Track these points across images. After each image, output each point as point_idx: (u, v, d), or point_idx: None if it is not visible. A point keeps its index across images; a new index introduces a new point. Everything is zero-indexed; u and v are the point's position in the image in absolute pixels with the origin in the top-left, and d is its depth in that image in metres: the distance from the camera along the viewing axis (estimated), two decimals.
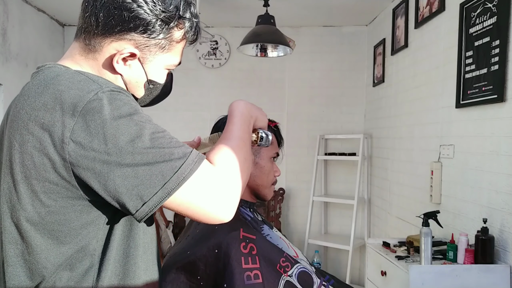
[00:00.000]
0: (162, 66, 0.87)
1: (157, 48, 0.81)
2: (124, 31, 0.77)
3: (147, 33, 0.78)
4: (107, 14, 0.76)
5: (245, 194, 1.14)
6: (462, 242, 1.77)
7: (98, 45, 0.79)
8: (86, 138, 0.68)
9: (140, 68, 0.82)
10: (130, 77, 0.83)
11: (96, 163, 0.69)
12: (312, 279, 1.04)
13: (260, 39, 2.61)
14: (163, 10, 0.78)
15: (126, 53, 0.79)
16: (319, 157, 3.65)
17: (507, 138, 1.72)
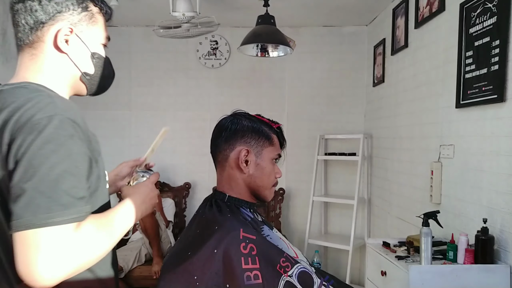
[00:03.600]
0: (98, 40, 1.00)
1: (86, 20, 0.95)
2: (55, 14, 0.90)
3: (74, 9, 0.92)
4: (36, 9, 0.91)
5: (245, 195, 1.14)
6: (462, 242, 1.77)
7: (37, 40, 0.92)
8: None
9: (80, 42, 0.94)
10: (76, 54, 0.94)
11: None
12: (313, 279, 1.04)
13: (260, 39, 2.60)
14: None
15: (66, 31, 0.91)
16: (319, 157, 3.65)
17: (507, 138, 1.72)
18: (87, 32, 0.96)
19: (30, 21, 0.92)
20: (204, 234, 1.03)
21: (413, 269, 1.69)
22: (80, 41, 0.95)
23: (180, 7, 2.53)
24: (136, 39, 3.80)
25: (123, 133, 3.82)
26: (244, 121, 1.14)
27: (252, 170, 1.12)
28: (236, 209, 1.11)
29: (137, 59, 3.80)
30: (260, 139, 1.12)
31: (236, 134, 1.12)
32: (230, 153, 1.12)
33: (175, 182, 3.80)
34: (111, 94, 3.80)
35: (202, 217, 1.11)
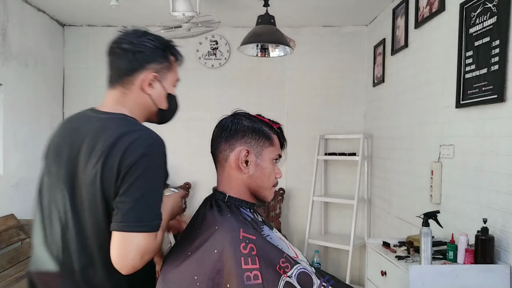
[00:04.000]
0: (171, 83, 1.25)
1: (165, 68, 1.19)
2: (144, 64, 1.14)
3: (162, 60, 1.17)
4: (131, 59, 1.13)
5: (245, 195, 1.14)
6: (462, 242, 1.77)
7: (130, 82, 1.14)
8: None
9: (160, 86, 1.18)
10: (156, 94, 1.18)
11: None
12: (312, 279, 1.03)
13: (260, 39, 2.60)
14: (161, 42, 1.18)
15: (151, 77, 1.15)
16: (319, 157, 3.65)
17: (507, 138, 1.72)
18: (166, 77, 1.20)
19: (125, 66, 1.14)
20: (204, 234, 1.03)
21: (413, 269, 1.69)
22: (160, 84, 1.18)
23: (180, 7, 2.53)
24: None
25: None
26: (244, 121, 1.14)
27: (252, 170, 1.11)
28: (236, 209, 1.11)
29: None
30: (261, 139, 1.12)
31: (236, 134, 1.12)
32: (230, 153, 1.12)
33: (175, 182, 3.80)
34: None
35: (202, 217, 1.11)
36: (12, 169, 3.04)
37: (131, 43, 1.14)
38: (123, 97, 1.15)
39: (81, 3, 3.23)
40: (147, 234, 0.99)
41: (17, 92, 3.09)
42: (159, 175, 1.04)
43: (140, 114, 1.18)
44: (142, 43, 1.14)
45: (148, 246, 0.99)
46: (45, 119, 3.52)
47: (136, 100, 1.15)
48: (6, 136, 2.96)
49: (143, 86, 1.14)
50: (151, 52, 1.15)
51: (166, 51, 1.19)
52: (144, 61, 1.14)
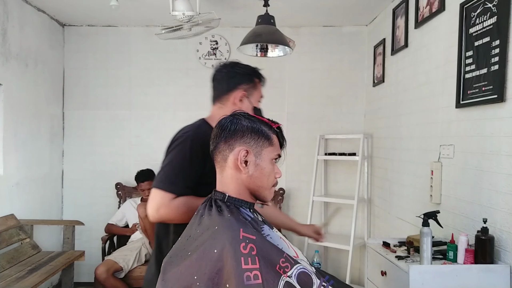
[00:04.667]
0: (256, 99, 1.59)
1: (252, 88, 1.57)
2: (237, 85, 1.56)
3: (248, 82, 1.57)
4: (227, 82, 1.58)
5: (245, 195, 1.14)
6: (462, 242, 1.77)
7: (226, 99, 1.57)
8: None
9: (248, 103, 1.56)
10: (244, 107, 1.51)
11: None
12: (312, 279, 1.03)
13: (260, 39, 2.60)
14: (248, 69, 1.61)
15: (241, 94, 1.54)
16: (319, 157, 3.65)
17: (507, 138, 1.72)
18: (252, 94, 1.57)
19: (223, 88, 1.59)
20: (204, 234, 1.03)
21: (413, 269, 1.69)
22: (248, 100, 1.55)
23: (179, 7, 2.53)
24: (136, 39, 3.80)
25: (123, 133, 3.82)
26: (243, 121, 1.13)
27: (251, 170, 1.11)
28: (236, 209, 1.11)
29: (137, 59, 3.80)
30: (260, 139, 1.12)
31: (236, 134, 1.11)
32: (229, 153, 1.12)
33: None
34: (111, 94, 3.82)
35: (202, 217, 1.11)
36: (12, 169, 3.04)
37: (227, 71, 1.60)
38: (219, 110, 1.57)
39: (81, 3, 3.23)
40: (162, 191, 1.32)
41: (17, 92, 3.09)
42: (180, 155, 1.39)
43: None
44: (235, 71, 1.58)
45: (162, 202, 1.32)
46: (45, 119, 3.52)
47: (228, 111, 1.46)
48: (6, 136, 2.96)
49: (235, 101, 1.54)
50: (241, 77, 1.56)
51: (252, 75, 1.58)
52: (236, 83, 1.55)
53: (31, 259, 2.92)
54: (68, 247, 3.23)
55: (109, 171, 3.80)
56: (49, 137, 3.58)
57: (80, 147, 3.82)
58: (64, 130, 3.83)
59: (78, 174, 3.81)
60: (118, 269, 3.03)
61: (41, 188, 3.43)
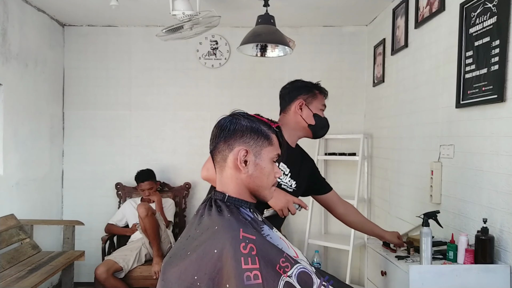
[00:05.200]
0: (317, 107, 1.90)
1: (311, 97, 1.87)
2: (297, 96, 1.85)
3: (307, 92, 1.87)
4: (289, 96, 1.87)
5: (245, 195, 1.14)
6: (462, 242, 1.77)
7: (288, 109, 1.85)
8: None
9: (308, 110, 1.85)
10: (305, 114, 1.83)
11: None
12: (312, 279, 1.03)
13: (260, 39, 2.60)
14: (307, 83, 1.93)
15: (299, 103, 1.83)
16: (319, 157, 3.65)
17: (507, 138, 1.72)
18: (312, 102, 1.86)
19: (287, 100, 1.86)
20: (204, 234, 1.03)
21: (413, 269, 1.69)
22: (307, 108, 1.84)
23: (179, 7, 2.53)
24: (136, 39, 3.80)
25: (123, 133, 3.82)
26: (242, 121, 1.13)
27: (251, 170, 1.11)
28: (236, 209, 1.10)
29: (137, 59, 3.80)
30: (259, 139, 1.12)
31: (235, 134, 1.11)
32: (229, 153, 1.11)
33: (175, 182, 3.80)
34: (111, 94, 3.82)
35: (201, 217, 1.11)
36: (12, 169, 3.04)
37: (287, 88, 1.90)
38: (283, 118, 1.86)
39: (81, 3, 3.23)
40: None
41: (17, 92, 3.09)
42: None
43: (295, 128, 1.85)
44: (294, 85, 1.88)
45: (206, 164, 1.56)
46: (45, 119, 3.52)
47: (291, 119, 1.84)
48: (6, 136, 2.96)
49: (296, 110, 1.82)
50: (300, 89, 1.85)
51: (311, 87, 1.87)
52: (295, 95, 1.83)
53: (31, 259, 2.92)
54: (68, 247, 3.23)
55: (109, 171, 3.80)
56: (49, 137, 3.58)
57: (80, 147, 3.82)
58: (64, 130, 3.83)
59: (78, 174, 3.81)
60: (118, 269, 3.03)
61: (41, 188, 3.43)
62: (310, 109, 1.84)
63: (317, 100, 1.87)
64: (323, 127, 1.95)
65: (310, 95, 1.85)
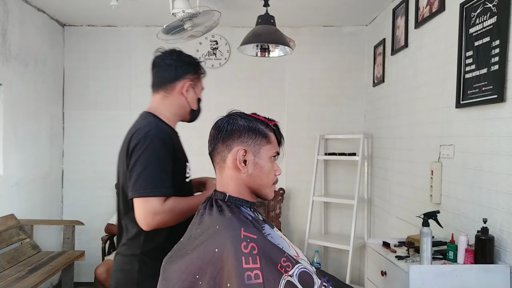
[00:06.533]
0: (200, 90, 1.63)
1: (197, 79, 1.58)
2: (183, 75, 1.52)
3: (194, 72, 1.56)
4: (173, 71, 1.51)
5: (245, 194, 1.14)
6: (462, 242, 1.77)
7: (171, 88, 1.51)
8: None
9: (193, 93, 1.57)
10: (190, 97, 1.55)
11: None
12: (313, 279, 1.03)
13: (260, 39, 2.60)
14: (194, 60, 1.56)
15: (188, 84, 1.52)
16: (319, 157, 3.65)
17: (507, 138, 1.72)
18: (197, 85, 1.59)
19: (169, 76, 1.50)
20: (205, 234, 1.03)
21: (413, 269, 1.69)
22: (193, 91, 1.56)
23: (179, 5, 2.53)
24: (136, 39, 3.80)
25: (123, 133, 3.80)
26: (240, 120, 1.13)
27: (251, 169, 1.11)
28: (237, 208, 1.10)
29: (137, 59, 3.80)
30: (257, 138, 1.12)
31: (233, 135, 1.11)
32: (228, 153, 1.11)
33: None
34: (111, 94, 3.82)
35: (202, 217, 1.11)
36: (12, 169, 3.04)
37: (172, 59, 1.50)
38: (163, 100, 1.52)
39: (81, 3, 3.23)
40: (152, 198, 1.29)
41: (17, 92, 3.09)
42: (154, 156, 1.33)
43: (176, 113, 1.55)
44: (181, 60, 1.52)
45: (155, 208, 1.30)
46: (45, 119, 3.52)
47: (174, 101, 1.53)
48: (6, 136, 2.96)
49: (182, 91, 1.52)
50: (188, 66, 1.53)
51: (197, 66, 1.57)
52: (183, 73, 1.51)
53: (31, 259, 2.92)
54: (68, 247, 3.23)
55: (109, 171, 3.79)
56: (49, 137, 3.58)
57: (80, 147, 3.82)
58: (64, 130, 3.83)
59: (78, 174, 3.81)
60: None
61: (41, 188, 3.43)
62: (196, 93, 1.59)
63: (201, 82, 1.64)
64: (200, 111, 1.71)
65: (196, 76, 1.58)
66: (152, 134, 1.36)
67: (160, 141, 1.37)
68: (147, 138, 1.35)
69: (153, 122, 1.44)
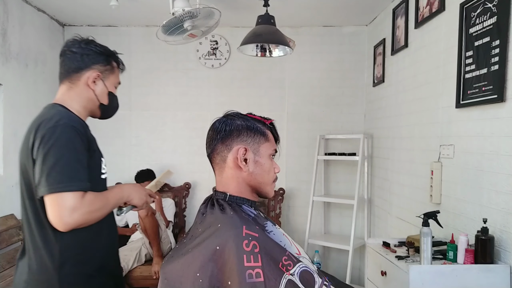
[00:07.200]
0: (113, 84, 1.48)
1: (108, 71, 1.45)
2: (90, 65, 1.40)
3: (105, 63, 1.43)
4: (79, 60, 1.39)
5: (246, 193, 1.14)
6: (462, 242, 1.77)
7: (77, 78, 1.39)
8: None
9: (103, 86, 1.43)
10: (98, 90, 1.42)
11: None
12: (314, 278, 1.04)
13: (260, 39, 2.60)
14: (106, 50, 1.45)
15: (95, 75, 1.40)
16: (319, 157, 3.65)
17: (507, 138, 1.72)
18: (108, 78, 1.45)
19: (74, 66, 1.39)
20: (206, 232, 1.04)
21: (413, 269, 1.69)
22: (102, 83, 1.43)
23: (179, 5, 2.53)
24: (136, 39, 3.80)
25: (123, 133, 3.82)
26: (237, 120, 1.14)
27: (251, 167, 1.12)
28: (238, 207, 1.11)
29: (137, 59, 3.80)
30: (256, 136, 1.13)
31: (232, 134, 1.12)
32: (228, 153, 1.12)
33: (175, 182, 3.80)
34: None
35: (203, 216, 1.11)
36: (12, 169, 3.04)
37: (80, 47, 1.41)
38: (68, 91, 1.40)
39: (81, 3, 3.23)
40: (68, 193, 1.17)
41: (17, 92, 3.09)
42: (67, 148, 1.22)
43: (83, 106, 1.41)
44: (89, 48, 1.41)
45: (73, 204, 1.18)
46: None
47: (80, 93, 1.40)
48: (6, 136, 2.96)
49: (88, 82, 1.39)
50: (96, 56, 1.41)
51: (109, 57, 1.45)
52: (90, 62, 1.40)
53: None
54: None
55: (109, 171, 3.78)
56: None
57: None
58: None
59: None
60: None
61: None
62: (106, 86, 1.44)
63: (114, 75, 1.48)
64: (115, 108, 1.53)
65: (108, 67, 1.44)
66: (63, 123, 1.23)
67: (73, 130, 1.24)
68: (58, 127, 1.22)
69: (63, 112, 1.31)
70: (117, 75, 1.49)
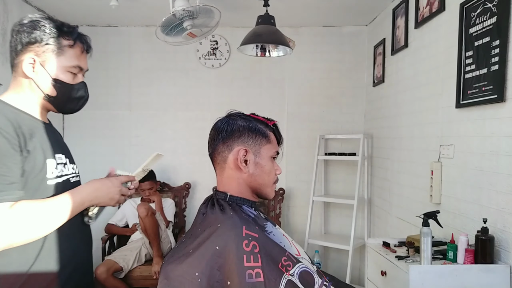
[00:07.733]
0: (63, 68, 1.15)
1: (51, 52, 1.13)
2: (26, 45, 1.12)
3: (38, 42, 1.12)
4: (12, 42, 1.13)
5: (246, 194, 1.14)
6: (462, 242, 1.77)
7: (15, 65, 1.15)
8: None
9: (43, 70, 1.13)
10: (39, 79, 1.14)
11: None
12: (314, 279, 1.04)
13: (260, 39, 2.60)
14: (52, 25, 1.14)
15: (30, 60, 1.12)
16: (319, 157, 3.65)
17: (507, 138, 1.72)
18: (50, 60, 1.14)
19: (14, 49, 1.14)
20: (206, 232, 1.04)
21: (413, 269, 1.69)
22: (43, 69, 1.13)
23: (179, 4, 2.53)
24: (136, 39, 3.80)
25: (123, 133, 3.82)
26: (239, 121, 1.14)
27: (252, 169, 1.12)
28: (238, 207, 1.11)
29: (137, 59, 3.80)
30: (257, 138, 1.12)
31: (233, 135, 1.12)
32: (228, 154, 1.12)
33: (175, 182, 3.80)
34: (111, 94, 3.82)
35: (203, 216, 1.11)
36: None
37: (15, 27, 1.14)
38: (12, 81, 1.18)
39: (81, 3, 3.23)
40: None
41: None
42: None
43: (29, 98, 1.16)
44: (25, 25, 1.13)
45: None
46: None
47: (20, 83, 1.16)
48: None
49: (23, 69, 1.13)
50: (29, 34, 1.11)
51: (56, 34, 1.13)
52: (25, 43, 1.12)
53: None
54: None
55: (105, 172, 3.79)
56: None
57: (80, 147, 3.82)
58: (64, 130, 3.83)
59: None
60: (118, 269, 3.03)
61: None
62: (47, 71, 1.14)
63: (65, 56, 1.15)
64: (72, 99, 1.25)
65: (51, 48, 1.13)
66: None
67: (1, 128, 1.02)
68: None
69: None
70: (71, 56, 1.16)
